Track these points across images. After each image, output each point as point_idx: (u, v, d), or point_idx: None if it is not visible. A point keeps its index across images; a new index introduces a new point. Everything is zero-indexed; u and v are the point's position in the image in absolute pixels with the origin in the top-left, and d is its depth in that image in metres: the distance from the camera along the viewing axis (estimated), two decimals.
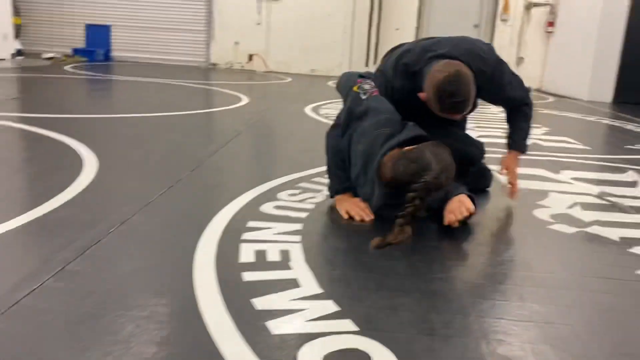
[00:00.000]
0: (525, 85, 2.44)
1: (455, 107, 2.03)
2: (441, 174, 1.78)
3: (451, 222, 1.93)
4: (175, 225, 1.92)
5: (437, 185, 1.78)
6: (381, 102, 2.11)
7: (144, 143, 3.33)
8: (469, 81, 2.02)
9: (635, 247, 1.95)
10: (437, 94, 2.01)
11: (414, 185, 1.76)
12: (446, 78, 1.99)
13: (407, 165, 1.82)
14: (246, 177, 2.61)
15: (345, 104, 2.16)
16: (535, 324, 1.35)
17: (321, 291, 1.44)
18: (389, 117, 2.06)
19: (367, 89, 2.12)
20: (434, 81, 2.02)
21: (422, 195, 1.76)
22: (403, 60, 2.22)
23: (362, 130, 2.04)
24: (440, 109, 2.05)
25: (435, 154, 1.83)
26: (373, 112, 2.06)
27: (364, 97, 2.10)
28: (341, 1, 10.45)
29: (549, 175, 3.05)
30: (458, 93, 1.99)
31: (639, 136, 4.90)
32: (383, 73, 2.30)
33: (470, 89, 2.03)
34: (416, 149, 1.87)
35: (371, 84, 2.15)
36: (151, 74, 8.15)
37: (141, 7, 10.80)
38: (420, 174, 1.78)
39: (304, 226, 1.94)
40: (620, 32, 8.34)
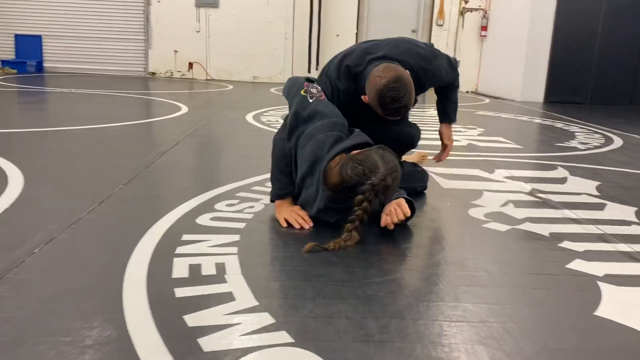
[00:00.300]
0: (454, 62, 2.58)
1: (398, 111, 2.12)
2: (388, 175, 1.81)
3: (387, 224, 1.95)
4: (105, 243, 1.84)
5: (385, 186, 1.81)
6: (328, 106, 2.12)
7: (75, 157, 3.20)
8: (408, 84, 2.10)
9: (565, 241, 2.03)
10: (379, 100, 2.08)
11: (362, 188, 1.78)
12: (387, 84, 2.06)
13: (355, 167, 1.83)
14: (183, 189, 2.54)
15: (292, 107, 2.15)
16: (469, 324, 1.36)
17: (256, 303, 1.41)
18: (336, 121, 2.07)
19: (314, 93, 2.13)
20: (375, 87, 2.09)
21: (370, 197, 1.79)
22: (345, 62, 2.28)
23: (309, 134, 2.04)
24: (383, 114, 2.14)
25: (381, 156, 1.86)
26: (320, 116, 2.06)
27: (311, 101, 2.10)
28: (281, 8, 10.46)
29: (484, 175, 3.13)
30: (399, 98, 2.07)
31: (568, 134, 5.14)
32: (327, 75, 2.31)
33: (411, 91, 2.10)
34: (363, 152, 1.89)
35: (318, 88, 2.16)
36: (87, 85, 7.88)
37: (74, 16, 10.45)
38: (367, 175, 1.80)
39: (241, 237, 1.91)
40: (548, 35, 8.75)
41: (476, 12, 10.57)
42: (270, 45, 10.63)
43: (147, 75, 10.67)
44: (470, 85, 10.92)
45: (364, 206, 1.79)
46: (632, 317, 1.44)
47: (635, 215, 2.43)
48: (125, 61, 10.69)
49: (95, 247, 1.79)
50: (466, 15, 10.58)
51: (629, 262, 1.85)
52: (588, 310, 1.47)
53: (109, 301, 1.40)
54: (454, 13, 10.58)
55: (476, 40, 10.69)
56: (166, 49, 10.62)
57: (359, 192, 1.80)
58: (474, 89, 10.92)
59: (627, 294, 1.59)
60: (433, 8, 10.58)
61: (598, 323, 1.41)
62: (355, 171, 1.83)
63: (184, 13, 10.47)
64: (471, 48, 10.74)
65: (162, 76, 10.73)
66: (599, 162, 3.70)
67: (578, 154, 4.02)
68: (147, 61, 10.70)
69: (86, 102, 6.10)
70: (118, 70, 10.62)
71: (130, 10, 10.49)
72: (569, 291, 1.61)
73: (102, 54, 10.60)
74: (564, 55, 8.78)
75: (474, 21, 10.62)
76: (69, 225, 1.95)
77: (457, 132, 4.92)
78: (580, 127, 5.73)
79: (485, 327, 1.35)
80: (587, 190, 2.86)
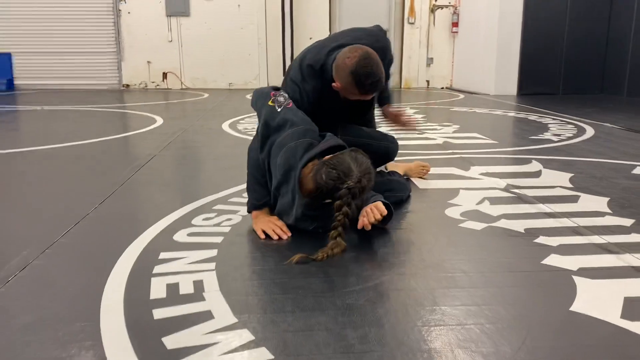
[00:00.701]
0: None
1: (374, 87, 2.15)
2: (363, 177, 1.83)
3: (365, 224, 1.96)
4: (81, 266, 1.82)
5: (361, 188, 1.83)
6: (296, 114, 2.13)
7: (48, 178, 3.15)
8: (378, 59, 2.15)
9: (540, 236, 2.06)
10: (355, 78, 2.11)
11: (339, 192, 1.79)
12: (359, 61, 2.09)
13: (329, 172, 1.84)
14: (159, 205, 2.52)
15: (261, 118, 2.15)
16: (447, 328, 1.38)
17: (235, 320, 1.40)
18: (306, 128, 2.08)
19: (282, 102, 2.13)
20: (347, 68, 2.12)
21: (349, 200, 1.80)
22: (306, 62, 2.30)
23: (280, 142, 2.04)
24: (360, 92, 2.15)
25: (354, 159, 1.87)
26: (290, 124, 2.07)
27: (279, 110, 2.10)
28: (252, 14, 10.44)
29: (460, 172, 3.16)
30: (374, 72, 2.11)
31: (542, 126, 5.21)
32: (292, 80, 2.32)
33: (381, 66, 2.16)
34: (335, 156, 1.90)
35: (285, 96, 2.17)
36: (59, 102, 7.78)
37: (44, 32, 10.30)
38: (342, 179, 1.81)
39: (219, 252, 1.90)
40: (518, 29, 8.87)
41: (446, 9, 10.67)
42: (244, 51, 10.61)
43: (121, 88, 10.57)
44: (445, 81, 11.02)
45: (344, 210, 1.80)
46: (606, 311, 1.46)
47: (607, 205, 2.47)
48: (98, 74, 10.58)
49: (71, 272, 1.77)
50: (437, 12, 10.68)
51: (602, 254, 1.88)
52: (564, 306, 1.49)
53: (87, 327, 1.38)
54: (424, 11, 10.66)
55: (448, 37, 10.79)
56: (139, 60, 10.53)
57: (336, 197, 1.81)
58: (448, 84, 11.02)
59: (600, 286, 1.62)
60: (404, 6, 10.65)
61: (574, 318, 1.43)
62: (330, 176, 1.84)
63: (155, 23, 10.39)
64: (443, 45, 10.84)
65: (137, 88, 10.63)
66: (572, 154, 3.76)
67: (552, 146, 4.09)
68: (120, 73, 10.59)
69: (59, 119, 6.02)
70: (91, 84, 10.49)
71: (101, 22, 10.38)
72: (544, 287, 1.64)
73: (75, 68, 10.47)
74: (534, 48, 8.91)
75: (444, 18, 10.72)
76: (43, 250, 1.92)
77: (432, 129, 4.97)
78: (553, 118, 5.82)
79: (463, 329, 1.37)
80: (561, 182, 2.91)
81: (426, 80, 10.97)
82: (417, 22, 10.67)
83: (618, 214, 2.35)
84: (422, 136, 4.59)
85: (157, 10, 10.34)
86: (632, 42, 8.46)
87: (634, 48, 8.44)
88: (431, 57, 10.84)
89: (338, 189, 1.81)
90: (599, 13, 8.98)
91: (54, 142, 4.24)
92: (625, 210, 2.40)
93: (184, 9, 10.35)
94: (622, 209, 2.41)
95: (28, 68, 10.39)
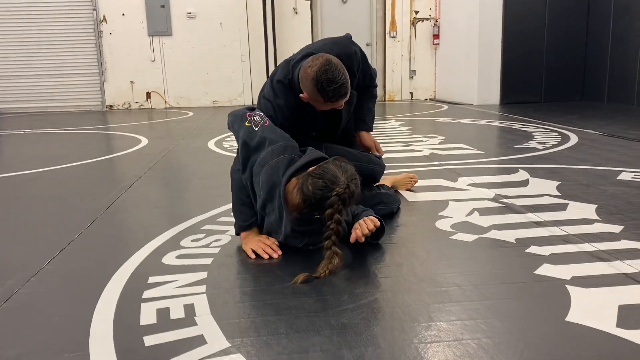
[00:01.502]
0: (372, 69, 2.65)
1: (338, 93, 2.11)
2: (350, 182, 1.81)
3: (358, 237, 1.95)
4: (68, 294, 1.78)
5: (350, 194, 1.81)
6: (274, 131, 2.12)
7: (32, 203, 3.10)
8: (339, 64, 2.13)
9: (532, 246, 2.06)
10: (316, 85, 2.09)
11: (329, 201, 1.77)
12: (320, 68, 2.09)
13: (315, 182, 1.82)
14: (147, 227, 2.49)
15: (239, 139, 2.13)
16: (444, 344, 1.36)
17: (228, 345, 1.37)
18: (285, 144, 2.06)
19: (258, 121, 2.12)
20: (309, 77, 2.11)
21: (339, 208, 1.78)
22: (275, 79, 2.31)
23: (261, 161, 2.03)
24: (324, 99, 2.12)
25: (339, 166, 1.86)
26: (268, 142, 2.06)
27: (256, 129, 2.09)
28: (235, 31, 10.47)
29: (448, 184, 3.17)
30: (335, 79, 2.08)
31: (526, 134, 5.26)
32: (266, 98, 2.32)
33: (344, 70, 2.13)
34: (319, 167, 1.89)
35: (261, 114, 2.16)
36: (42, 125, 7.71)
37: (25, 54, 10.24)
38: (330, 187, 1.79)
39: (209, 274, 1.87)
40: (498, 38, 8.99)
41: (427, 22, 10.79)
42: (227, 69, 10.61)
43: (104, 109, 10.50)
44: (428, 92, 11.11)
45: (336, 218, 1.77)
46: (601, 320, 1.46)
47: (596, 212, 2.49)
48: (81, 96, 10.51)
49: (58, 300, 1.73)
50: (418, 25, 10.79)
51: (594, 262, 1.88)
52: (559, 317, 1.49)
53: (75, 358, 1.34)
54: (405, 24, 10.77)
55: (429, 49, 10.90)
56: (122, 80, 10.49)
57: (326, 207, 1.79)
58: (431, 96, 11.11)
59: (594, 295, 1.62)
60: (385, 20, 10.75)
61: (569, 329, 1.42)
62: (317, 186, 1.82)
63: (137, 43, 10.37)
64: (425, 57, 10.94)
65: (120, 108, 10.58)
66: (557, 161, 3.79)
67: (537, 154, 4.12)
68: (103, 94, 10.54)
69: (42, 142, 5.95)
70: (74, 106, 10.42)
71: (82, 44, 10.33)
72: (538, 298, 1.63)
73: (57, 90, 10.40)
74: (515, 57, 9.03)
75: (425, 30, 10.84)
76: (28, 278, 1.88)
77: (418, 142, 4.99)
78: (537, 126, 5.88)
79: (460, 345, 1.35)
80: (549, 191, 2.92)
81: (410, 92, 11.05)
82: (398, 35, 10.77)
83: (607, 220, 2.36)
84: (409, 148, 4.61)
85: (139, 30, 10.33)
86: (610, 50, 8.61)
87: (612, 55, 8.59)
88: (414, 69, 10.94)
89: (327, 198, 1.79)
90: (575, 22, 9.14)
91: (38, 167, 4.18)
92: (613, 216, 2.42)
93: (166, 29, 10.35)
94: (611, 216, 2.43)
95: (10, 91, 10.30)
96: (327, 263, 1.77)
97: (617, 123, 5.95)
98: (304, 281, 1.74)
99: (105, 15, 10.24)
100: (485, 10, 8.86)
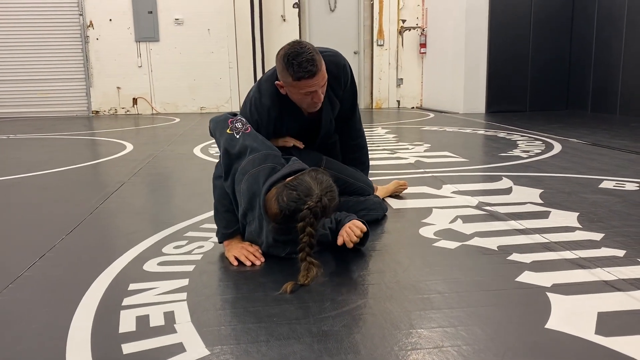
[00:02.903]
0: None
1: (304, 67, 2.07)
2: (323, 196, 1.80)
3: (346, 241, 1.95)
4: (46, 301, 1.75)
5: (323, 207, 1.79)
6: (256, 138, 2.10)
7: (13, 209, 3.06)
8: (311, 46, 2.13)
9: (514, 254, 2.07)
10: (284, 61, 2.10)
11: (300, 214, 1.76)
12: (289, 47, 2.12)
13: (290, 194, 1.81)
14: (129, 234, 2.46)
15: (221, 147, 2.12)
16: (424, 351, 1.36)
17: (208, 353, 1.36)
18: (267, 153, 2.05)
19: (240, 128, 2.11)
20: (279, 57, 2.14)
21: (311, 221, 1.76)
22: (262, 79, 2.33)
23: (243, 169, 2.01)
24: (292, 76, 2.10)
25: (314, 178, 1.84)
26: (250, 150, 2.05)
27: (238, 136, 2.08)
28: (222, 38, 10.47)
29: (432, 191, 3.18)
30: (303, 52, 2.08)
31: (511, 143, 5.30)
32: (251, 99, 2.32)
33: (316, 52, 2.12)
34: (296, 177, 1.88)
35: (242, 121, 2.14)
36: (26, 130, 7.63)
37: (10, 59, 10.13)
38: (303, 200, 1.78)
39: (190, 281, 1.86)
40: (484, 48, 9.08)
41: (414, 31, 10.87)
42: (215, 75, 10.60)
43: (90, 115, 10.43)
44: (415, 101, 11.18)
45: (308, 231, 1.76)
46: (580, 327, 1.47)
47: (577, 220, 2.51)
48: (67, 101, 10.42)
49: (36, 308, 1.70)
50: (405, 34, 10.87)
51: (575, 270, 1.89)
52: (539, 324, 1.49)
53: None
54: (393, 32, 10.84)
55: (416, 57, 10.98)
56: (108, 86, 10.43)
57: (298, 219, 1.79)
58: (418, 104, 11.18)
59: (574, 302, 1.63)
60: (372, 29, 10.81)
61: (550, 336, 1.43)
62: (291, 197, 1.81)
63: (124, 49, 10.32)
64: (412, 65, 11.02)
65: (106, 114, 10.51)
66: (541, 170, 3.83)
67: (521, 162, 4.15)
68: (89, 100, 10.46)
69: (25, 147, 5.89)
70: (60, 111, 10.33)
71: (69, 49, 10.26)
72: (519, 305, 1.64)
73: (42, 95, 10.31)
74: (500, 66, 9.12)
75: (413, 39, 10.92)
76: (6, 285, 1.85)
77: (404, 149, 5.01)
78: (522, 135, 5.93)
79: (440, 352, 1.35)
80: (532, 199, 2.95)
81: (397, 100, 11.11)
82: (386, 44, 10.84)
83: (588, 228, 2.38)
84: (394, 156, 4.62)
85: (126, 35, 10.28)
86: (594, 61, 8.73)
87: (595, 66, 8.71)
88: (401, 77, 11.01)
89: (300, 210, 1.78)
90: (560, 33, 9.26)
91: (20, 172, 4.13)
92: (594, 224, 2.44)
93: (153, 34, 10.31)
94: (592, 224, 2.45)
95: None
96: (305, 274, 1.76)
97: (600, 132, 6.02)
98: (292, 290, 1.73)
99: (92, 20, 10.19)
100: (471, 20, 8.94)
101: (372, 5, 10.75)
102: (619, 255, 2.03)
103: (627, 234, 2.29)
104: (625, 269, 1.89)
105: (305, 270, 1.76)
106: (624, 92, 8.06)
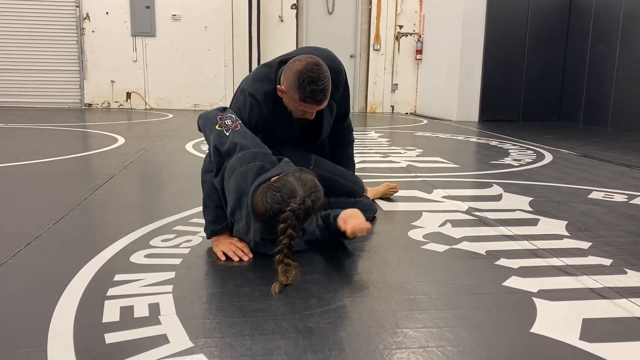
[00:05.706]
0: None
1: (315, 95, 2.06)
2: (307, 198, 1.78)
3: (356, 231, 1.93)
4: (30, 289, 1.73)
5: (306, 210, 1.77)
6: (245, 136, 2.08)
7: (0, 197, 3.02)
8: (328, 73, 2.09)
9: (501, 259, 2.07)
10: (298, 79, 2.04)
11: (282, 216, 1.74)
12: (308, 65, 2.05)
13: (273, 195, 1.80)
14: (117, 226, 2.44)
15: (210, 143, 2.10)
16: (409, 351, 1.36)
17: (191, 345, 1.35)
18: (256, 152, 2.03)
19: (229, 125, 2.08)
20: (294, 69, 2.07)
21: (292, 223, 1.74)
22: (257, 69, 2.31)
23: (231, 167, 2.00)
24: (300, 96, 2.08)
25: (298, 179, 1.83)
26: (239, 147, 2.02)
27: (227, 134, 2.06)
28: (219, 36, 10.45)
29: (423, 195, 3.18)
30: (319, 80, 2.04)
31: (502, 151, 5.33)
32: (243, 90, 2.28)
33: (330, 81, 2.09)
34: (281, 178, 1.86)
35: (232, 117, 2.12)
36: (18, 120, 7.56)
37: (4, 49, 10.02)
38: (286, 201, 1.77)
39: (176, 274, 1.84)
40: (479, 57, 9.12)
41: (411, 37, 10.91)
42: (210, 73, 10.57)
43: (82, 107, 10.36)
44: (409, 106, 11.21)
45: (289, 233, 1.74)
46: (565, 332, 1.47)
47: (565, 229, 2.52)
48: (60, 93, 10.34)
49: (18, 295, 1.68)
50: (401, 39, 10.90)
51: (561, 277, 1.90)
52: (524, 328, 1.50)
53: (32, 353, 1.30)
54: (389, 38, 10.87)
55: (412, 64, 11.01)
56: (102, 79, 10.36)
57: (280, 221, 1.77)
58: (412, 110, 11.21)
59: (560, 308, 1.64)
60: (369, 33, 10.84)
61: (534, 340, 1.43)
62: (274, 199, 1.80)
63: (119, 42, 10.27)
64: (408, 71, 11.05)
65: (99, 107, 10.44)
66: (531, 178, 3.85)
67: (512, 170, 4.17)
68: (82, 92, 10.38)
69: (16, 137, 5.84)
70: (52, 103, 10.25)
71: (63, 40, 10.18)
72: (505, 309, 1.64)
73: (35, 86, 10.21)
74: (495, 76, 9.17)
75: (409, 45, 10.95)
76: None
77: (396, 153, 5.01)
78: (514, 144, 5.96)
79: (425, 352, 1.35)
80: (521, 206, 2.96)
81: (391, 106, 11.13)
82: (382, 48, 10.87)
83: (575, 237, 2.39)
84: (387, 159, 4.63)
85: (122, 29, 10.23)
86: (587, 74, 8.80)
87: (588, 79, 8.78)
88: (396, 83, 11.03)
89: (282, 212, 1.76)
90: (555, 45, 9.34)
91: (8, 161, 4.09)
92: (582, 233, 2.45)
93: (150, 29, 10.27)
94: (580, 232, 2.46)
95: None
96: (283, 276, 1.71)
97: (591, 144, 6.07)
98: (279, 291, 1.70)
99: (89, 13, 10.13)
100: (468, 29, 8.99)
101: (370, 10, 10.78)
102: (605, 264, 2.05)
103: (614, 244, 2.30)
104: (611, 277, 1.90)
105: (283, 271, 1.73)
106: (616, 106, 8.14)
